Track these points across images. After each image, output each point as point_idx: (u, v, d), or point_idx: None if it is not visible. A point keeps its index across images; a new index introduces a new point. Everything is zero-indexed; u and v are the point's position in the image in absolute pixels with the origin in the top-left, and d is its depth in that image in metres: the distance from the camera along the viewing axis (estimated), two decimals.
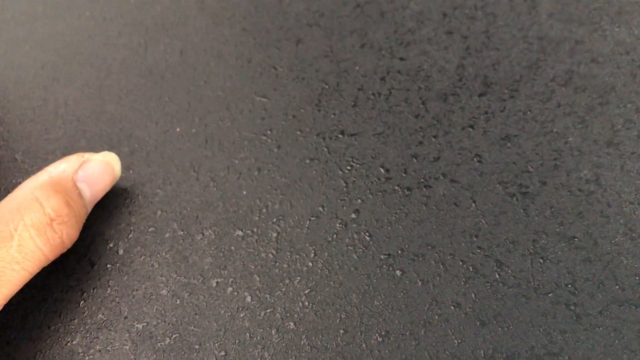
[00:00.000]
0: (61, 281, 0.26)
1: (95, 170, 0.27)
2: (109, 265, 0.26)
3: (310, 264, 0.26)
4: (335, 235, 0.27)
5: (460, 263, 0.26)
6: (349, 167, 0.29)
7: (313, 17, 0.36)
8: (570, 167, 0.28)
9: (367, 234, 0.27)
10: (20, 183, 0.29)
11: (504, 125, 0.30)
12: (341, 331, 0.24)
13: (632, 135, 0.29)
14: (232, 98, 0.32)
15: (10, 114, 0.32)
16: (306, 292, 0.25)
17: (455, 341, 0.24)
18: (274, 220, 0.27)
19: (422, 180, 0.28)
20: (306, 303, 0.25)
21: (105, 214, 0.28)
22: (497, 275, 0.25)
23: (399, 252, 0.26)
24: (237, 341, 0.24)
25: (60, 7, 0.38)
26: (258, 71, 0.34)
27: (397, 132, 0.30)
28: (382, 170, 0.29)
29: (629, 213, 0.27)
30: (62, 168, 0.25)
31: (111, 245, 0.27)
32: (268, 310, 0.25)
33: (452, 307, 0.24)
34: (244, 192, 0.28)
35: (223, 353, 0.24)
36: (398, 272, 0.25)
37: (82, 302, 0.25)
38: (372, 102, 0.32)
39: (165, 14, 0.37)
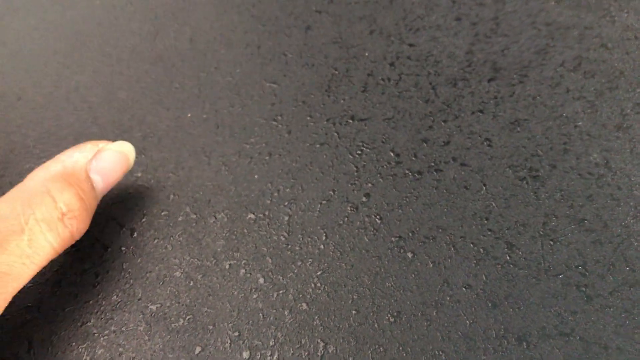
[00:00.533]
0: (75, 264, 0.26)
1: (110, 161, 0.26)
2: (122, 248, 0.27)
3: (322, 246, 0.26)
4: (346, 219, 0.27)
5: (471, 245, 0.26)
6: (359, 152, 0.29)
7: (322, 3, 0.36)
8: (579, 151, 0.28)
9: (377, 217, 0.27)
10: (32, 169, 0.29)
11: (514, 110, 0.30)
12: (353, 312, 0.24)
13: None
14: (242, 84, 0.32)
15: (22, 101, 0.33)
16: (318, 273, 0.25)
17: (467, 322, 0.24)
18: (286, 203, 0.28)
19: (433, 164, 0.28)
20: (318, 284, 0.25)
21: (118, 198, 0.28)
22: (507, 257, 0.25)
23: (410, 234, 0.26)
24: (250, 322, 0.24)
25: None
26: (268, 57, 0.34)
27: (407, 116, 0.30)
28: (392, 154, 0.29)
29: (639, 196, 0.27)
30: (75, 158, 0.25)
31: (125, 228, 0.27)
32: (281, 292, 0.25)
33: (464, 289, 0.25)
34: (256, 176, 0.29)
35: (237, 333, 0.24)
36: (409, 254, 0.26)
37: (96, 284, 0.26)
38: (381, 88, 0.32)
39: (175, 2, 0.37)
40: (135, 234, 0.27)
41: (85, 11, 0.37)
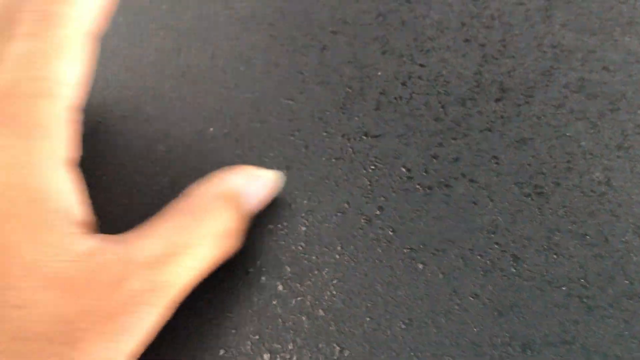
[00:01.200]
0: None
1: (262, 187, 0.29)
2: None
3: (337, 256, 0.28)
4: (360, 230, 0.29)
5: (479, 257, 0.27)
6: (372, 167, 0.31)
7: (337, 24, 0.38)
8: (582, 169, 0.30)
9: (390, 229, 0.29)
10: None
11: (520, 129, 0.32)
12: (367, 318, 0.26)
13: None
14: (261, 101, 0.34)
15: None
16: (334, 282, 0.27)
17: (475, 329, 0.25)
18: (303, 215, 0.29)
19: (443, 179, 0.30)
20: (334, 292, 0.27)
21: (144, 211, 0.30)
22: (513, 269, 0.27)
23: (421, 246, 0.28)
24: (270, 326, 0.26)
25: None
26: (285, 76, 0.35)
27: (418, 134, 0.32)
28: (404, 169, 0.31)
29: (638, 213, 0.28)
30: (235, 180, 0.27)
31: None
32: (299, 298, 0.26)
33: (471, 298, 0.26)
34: None
35: (257, 337, 0.25)
36: (420, 265, 0.27)
37: None
38: (393, 106, 0.33)
39: (197, 20, 0.39)
40: None
41: (110, 29, 0.39)
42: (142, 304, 0.22)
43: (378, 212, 0.29)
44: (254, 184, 0.28)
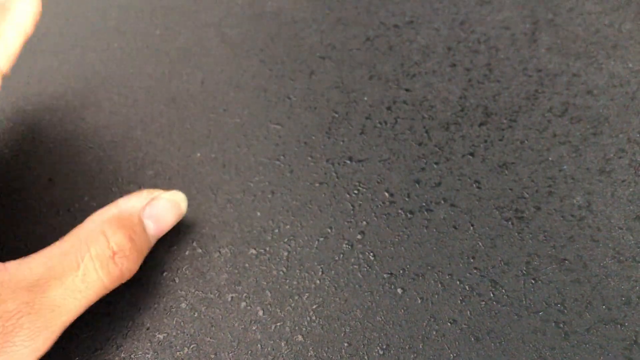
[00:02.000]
0: None
1: (162, 208, 0.28)
2: (133, 281, 0.29)
3: (318, 281, 0.28)
4: (341, 255, 0.29)
5: (458, 282, 0.28)
6: (355, 191, 0.31)
7: (326, 50, 0.39)
8: (563, 193, 0.30)
9: (371, 254, 0.29)
10: (51, 203, 0.31)
11: (502, 154, 0.32)
12: (345, 344, 0.26)
13: (623, 164, 0.31)
14: (249, 125, 0.35)
15: (44, 138, 0.35)
16: (314, 307, 0.27)
17: (451, 355, 0.25)
18: (285, 240, 0.30)
19: (424, 204, 0.30)
20: (314, 317, 0.27)
21: None
22: (491, 294, 0.27)
23: (401, 271, 0.28)
24: (249, 352, 0.26)
25: (91, 38, 0.41)
26: (273, 100, 0.36)
27: (401, 158, 0.32)
28: (386, 194, 0.31)
29: (618, 238, 0.28)
30: (132, 203, 0.27)
31: None
32: (278, 324, 0.27)
33: (449, 324, 0.26)
34: (258, 214, 0.31)
35: None
36: (399, 290, 0.27)
37: (108, 314, 0.28)
38: (378, 130, 0.34)
39: (188, 46, 0.40)
40: (145, 267, 0.29)
41: (105, 54, 0.40)
42: (17, 326, 0.22)
43: (360, 237, 0.29)
44: (154, 205, 0.28)
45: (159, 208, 0.28)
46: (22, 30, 0.28)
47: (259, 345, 0.26)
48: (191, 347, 0.26)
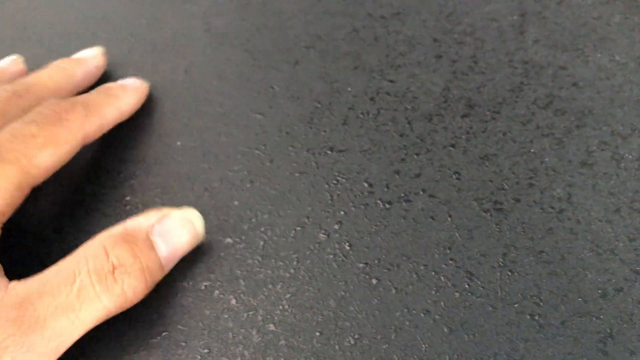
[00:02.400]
0: None
1: (173, 226, 0.27)
2: None
3: (293, 270, 0.28)
4: (317, 245, 0.29)
5: (433, 273, 0.27)
6: (334, 182, 0.31)
7: (311, 40, 0.38)
8: (544, 185, 0.30)
9: (347, 244, 0.29)
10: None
11: (484, 145, 0.32)
12: (317, 333, 0.26)
13: (605, 157, 0.31)
14: (230, 114, 0.34)
15: None
16: (287, 296, 0.27)
17: (423, 346, 0.25)
18: (262, 229, 0.29)
19: (403, 194, 0.30)
20: (286, 306, 0.27)
21: (105, 221, 0.30)
22: (466, 286, 0.27)
23: (376, 261, 0.28)
24: (220, 339, 0.26)
25: (78, 27, 0.41)
26: (256, 90, 0.36)
27: (382, 149, 0.32)
28: (365, 184, 0.31)
29: (597, 230, 0.28)
30: (139, 221, 0.26)
31: None
32: (250, 312, 0.27)
33: (422, 314, 0.26)
34: (236, 203, 0.30)
35: (206, 350, 0.26)
36: (374, 281, 0.27)
37: None
38: (360, 121, 0.33)
39: (174, 35, 0.40)
40: None
41: (90, 43, 0.39)
42: (7, 346, 0.21)
43: (337, 227, 0.29)
44: (164, 223, 0.26)
45: (169, 226, 0.27)
46: (121, 116, 0.33)
47: (230, 333, 0.26)
48: (163, 334, 0.26)
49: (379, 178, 0.31)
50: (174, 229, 0.27)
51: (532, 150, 0.31)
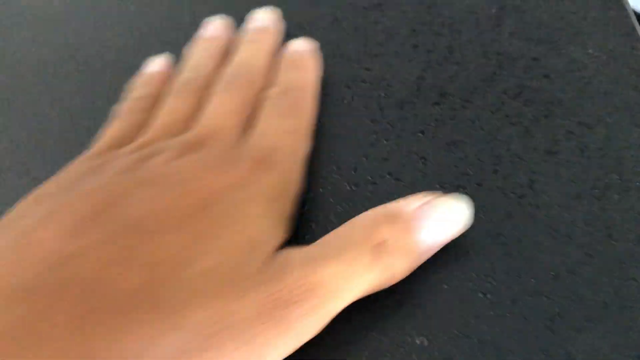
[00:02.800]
0: None
1: (441, 210, 0.26)
2: None
3: None
4: None
5: None
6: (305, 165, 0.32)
7: (294, 29, 0.39)
8: (508, 172, 0.31)
9: (313, 224, 0.30)
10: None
11: (453, 132, 0.33)
12: None
13: (570, 146, 0.31)
14: None
15: (13, 105, 0.36)
16: None
17: (378, 324, 0.26)
18: None
19: (369, 177, 0.31)
20: None
21: None
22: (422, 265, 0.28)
23: None
24: None
25: (66, 12, 0.42)
26: None
27: (352, 135, 0.33)
28: (334, 167, 0.32)
29: (555, 215, 0.29)
30: (401, 204, 0.26)
31: None
32: None
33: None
34: None
35: None
36: None
37: None
38: (334, 107, 0.34)
39: (161, 22, 0.41)
40: None
41: (79, 28, 0.41)
42: (292, 301, 0.21)
43: (306, 208, 0.30)
44: (429, 203, 0.26)
45: (437, 210, 0.26)
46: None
47: None
48: None
49: (347, 162, 0.32)
50: (441, 214, 0.26)
51: (498, 138, 0.32)
